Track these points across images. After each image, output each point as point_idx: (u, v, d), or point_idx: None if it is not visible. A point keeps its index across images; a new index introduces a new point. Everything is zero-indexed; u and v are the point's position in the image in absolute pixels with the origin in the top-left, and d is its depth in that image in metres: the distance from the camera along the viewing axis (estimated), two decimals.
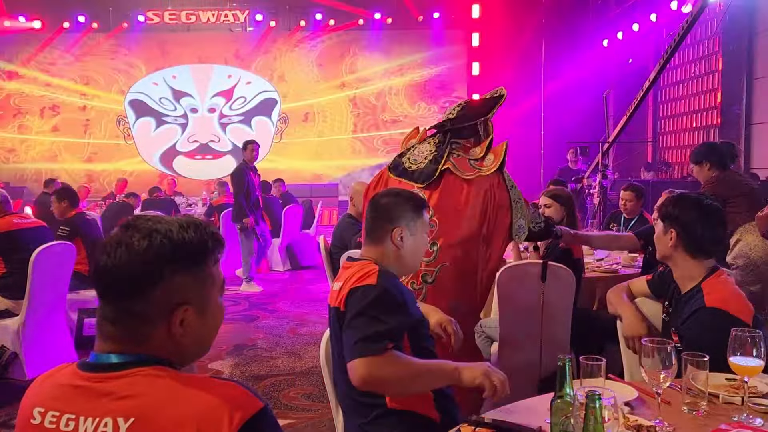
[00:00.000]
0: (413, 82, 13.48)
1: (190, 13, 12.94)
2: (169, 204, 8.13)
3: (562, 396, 1.36)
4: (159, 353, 1.07)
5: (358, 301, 1.73)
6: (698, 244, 2.08)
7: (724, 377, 1.73)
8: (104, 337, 1.08)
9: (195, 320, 1.08)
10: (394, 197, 1.97)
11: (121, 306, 1.06)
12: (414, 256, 1.98)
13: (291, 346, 4.88)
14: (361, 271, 1.80)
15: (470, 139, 2.71)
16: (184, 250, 1.07)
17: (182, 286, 1.07)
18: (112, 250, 1.06)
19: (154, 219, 1.10)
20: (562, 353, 1.60)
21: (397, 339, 1.72)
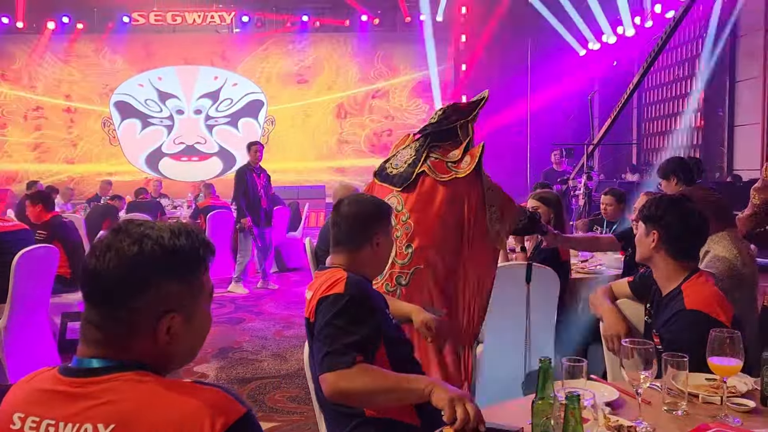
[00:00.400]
0: (400, 83, 13.51)
1: (176, 14, 12.88)
2: (154, 206, 8.08)
3: (543, 397, 1.37)
4: (143, 359, 1.05)
5: (325, 311, 1.72)
6: (680, 246, 2.09)
7: (703, 377, 1.75)
8: (87, 342, 1.07)
9: (182, 328, 1.07)
10: (366, 205, 2.00)
11: (107, 311, 1.05)
12: (387, 259, 2.03)
13: (277, 349, 4.86)
14: (329, 280, 1.80)
15: (450, 142, 2.72)
16: (174, 258, 1.06)
17: (171, 294, 1.05)
18: (101, 254, 1.04)
19: (146, 224, 1.08)
20: (547, 354, 1.62)
21: (367, 349, 1.69)
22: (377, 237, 1.94)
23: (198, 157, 13.28)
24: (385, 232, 1.98)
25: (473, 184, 2.60)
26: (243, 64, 13.37)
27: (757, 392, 1.70)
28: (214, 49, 13.27)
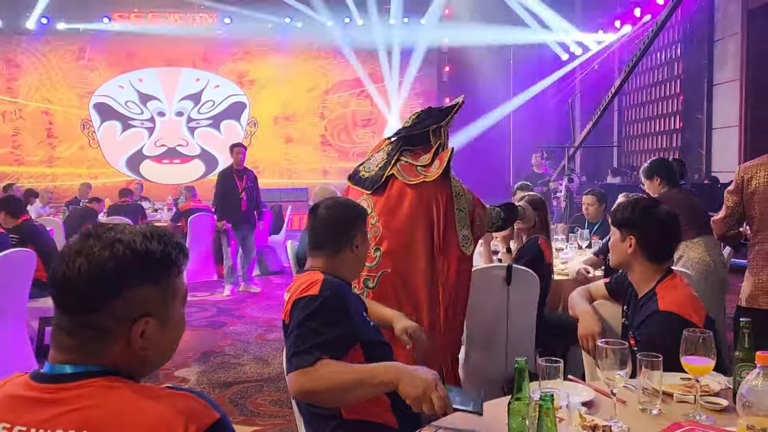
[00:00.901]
0: (384, 86, 13.52)
1: (157, 16, 12.78)
2: (135, 209, 8.00)
3: (519, 398, 1.39)
4: (116, 364, 1.04)
5: (299, 312, 1.73)
6: (656, 249, 2.12)
7: (678, 377, 1.77)
8: (59, 348, 1.05)
9: (156, 332, 1.06)
10: (345, 208, 2.01)
11: (78, 317, 1.03)
12: (364, 261, 2.05)
13: (259, 353, 4.84)
14: (306, 282, 1.80)
15: (421, 147, 2.72)
16: (147, 262, 1.05)
17: (144, 298, 1.04)
18: (70, 260, 1.03)
19: (117, 228, 1.07)
20: (527, 355, 1.64)
21: (336, 350, 1.69)
22: (356, 239, 1.95)
23: (180, 160, 13.18)
24: (363, 234, 2.00)
25: (441, 188, 2.61)
26: (225, 66, 13.30)
27: (729, 391, 1.73)
28: (196, 50, 13.18)
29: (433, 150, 2.68)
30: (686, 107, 10.63)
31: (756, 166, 2.73)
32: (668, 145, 11.31)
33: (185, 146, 13.18)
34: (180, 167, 13.10)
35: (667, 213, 2.16)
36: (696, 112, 10.35)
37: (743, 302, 2.75)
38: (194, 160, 13.17)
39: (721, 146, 9.93)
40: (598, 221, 4.91)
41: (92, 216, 7.41)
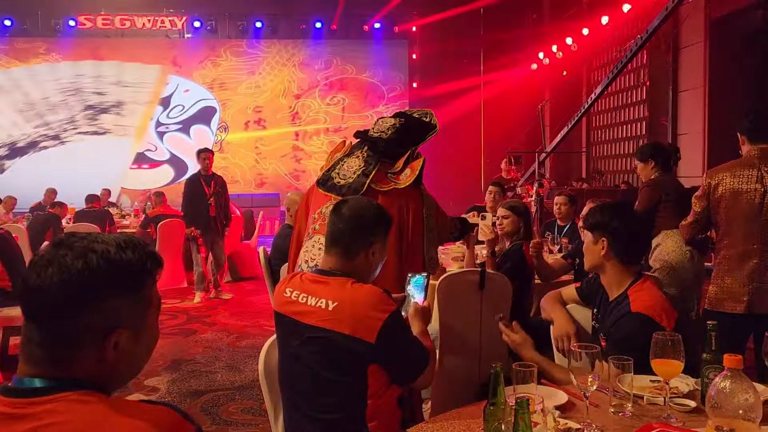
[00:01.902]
0: (355, 90, 13.54)
1: (125, 19, 12.60)
2: (102, 215, 7.84)
3: (495, 403, 1.40)
4: (88, 377, 1.02)
5: (394, 328, 1.83)
6: (628, 251, 2.16)
7: (648, 379, 1.81)
8: (28, 360, 1.02)
9: (129, 343, 1.04)
10: (373, 211, 1.98)
11: (49, 329, 1.00)
12: (377, 271, 2.01)
13: (231, 360, 4.79)
14: (376, 296, 1.83)
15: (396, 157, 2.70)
16: (121, 272, 1.02)
17: (117, 309, 1.02)
18: (41, 270, 1.00)
19: (90, 237, 1.04)
20: (501, 360, 1.68)
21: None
22: (374, 246, 1.93)
23: (148, 165, 12.99)
24: (383, 243, 1.98)
25: (411, 196, 2.60)
26: (195, 70, 13.17)
27: (697, 392, 1.77)
28: (165, 54, 13.02)
29: (404, 158, 2.66)
30: (652, 114, 10.87)
31: (722, 172, 2.77)
32: (634, 151, 11.54)
33: (154, 151, 13.00)
34: (149, 172, 12.91)
35: (636, 215, 2.21)
36: (661, 118, 10.59)
37: (709, 306, 2.81)
38: (163, 165, 12.99)
39: (686, 152, 10.15)
40: (567, 223, 5.00)
41: (55, 221, 7.25)
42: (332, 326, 1.80)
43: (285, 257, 4.04)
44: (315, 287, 1.88)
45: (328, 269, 1.93)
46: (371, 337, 1.78)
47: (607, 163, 12.56)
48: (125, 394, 3.77)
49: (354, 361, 1.81)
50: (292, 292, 1.91)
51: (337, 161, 2.74)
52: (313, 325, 1.83)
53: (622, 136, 12.01)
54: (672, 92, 10.24)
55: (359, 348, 1.78)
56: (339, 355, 1.81)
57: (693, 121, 9.85)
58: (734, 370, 1.32)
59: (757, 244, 2.65)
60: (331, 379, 1.82)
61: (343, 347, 1.79)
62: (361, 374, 1.82)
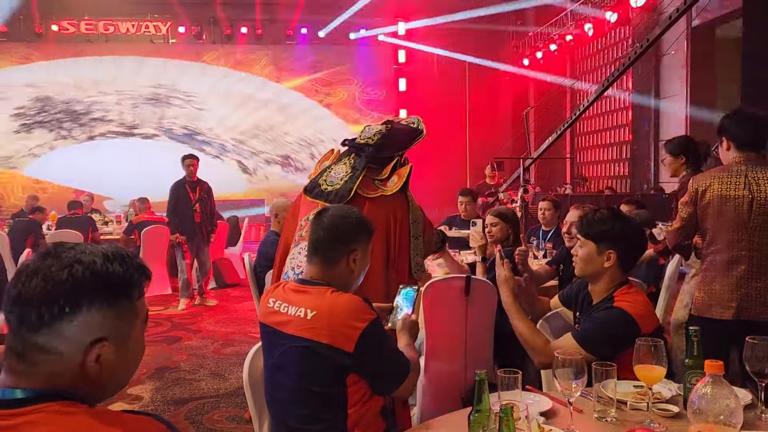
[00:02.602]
0: (340, 97, 13.55)
1: (108, 24, 12.51)
2: (85, 222, 7.76)
3: (480, 410, 1.40)
4: (70, 388, 1.00)
5: (373, 338, 1.80)
6: (633, 261, 2.20)
7: (632, 384, 1.82)
8: (10, 371, 1.01)
9: (113, 356, 1.02)
10: (353, 219, 1.96)
11: (31, 339, 0.98)
12: (359, 280, 2.00)
13: (215, 368, 4.75)
14: (355, 305, 1.81)
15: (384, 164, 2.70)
16: (106, 284, 1.01)
17: (102, 321, 1.00)
18: (27, 280, 0.98)
19: (78, 248, 1.02)
20: (486, 366, 1.70)
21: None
22: (355, 254, 1.92)
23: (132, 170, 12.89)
24: (364, 250, 1.96)
25: (398, 203, 2.60)
26: (181, 76, 13.10)
27: (680, 397, 1.79)
28: (151, 60, 12.94)
29: (391, 165, 2.67)
30: (635, 120, 11.00)
31: (709, 177, 2.76)
32: (618, 157, 11.66)
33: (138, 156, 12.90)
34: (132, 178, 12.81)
35: (640, 226, 2.24)
36: (644, 124, 10.72)
37: (696, 312, 2.80)
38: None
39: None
40: (552, 228, 5.04)
41: (36, 229, 7.15)
42: (311, 335, 1.79)
43: (271, 264, 4.02)
44: (295, 297, 1.88)
45: (309, 278, 1.93)
46: (350, 346, 1.77)
47: (591, 169, 12.67)
48: (108, 404, 3.72)
49: (333, 371, 1.79)
50: (275, 302, 1.91)
51: (324, 169, 2.74)
52: (292, 334, 1.82)
53: (605, 143, 12.13)
54: (654, 99, 10.36)
55: (338, 357, 1.77)
56: (318, 364, 1.79)
57: (674, 127, 9.97)
58: (715, 376, 1.34)
59: (745, 250, 2.65)
60: (311, 390, 1.81)
61: (322, 357, 1.78)
62: (341, 384, 1.80)
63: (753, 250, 2.65)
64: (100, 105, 12.81)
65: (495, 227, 3.92)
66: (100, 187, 12.37)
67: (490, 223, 3.94)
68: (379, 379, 1.85)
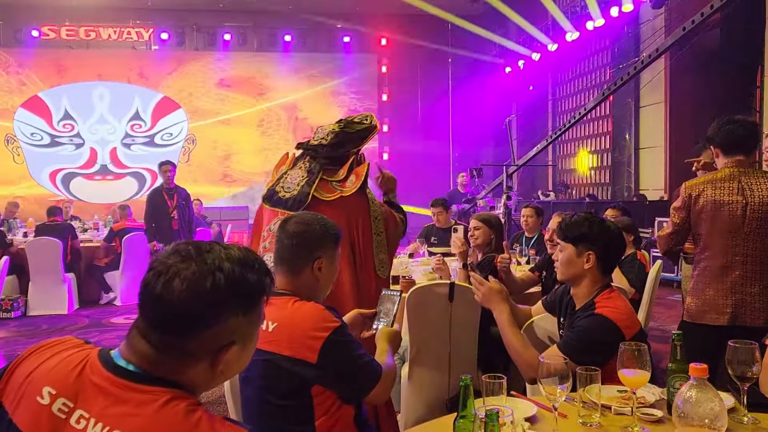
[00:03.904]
0: (324, 105, 13.53)
1: (90, 30, 12.39)
2: (65, 229, 7.63)
3: (465, 415, 1.39)
4: (189, 383, 1.03)
5: (337, 346, 1.75)
6: (613, 262, 2.21)
7: (615, 389, 1.83)
8: (139, 353, 1.02)
9: (237, 357, 1.06)
10: (314, 226, 1.91)
11: (170, 341, 1.01)
12: (328, 287, 1.96)
13: None
14: (316, 315, 1.78)
15: (339, 164, 2.68)
16: (243, 293, 1.04)
17: (235, 328, 1.04)
18: (168, 280, 1.00)
19: (215, 251, 1.04)
20: (470, 372, 1.69)
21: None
22: (319, 262, 1.87)
23: (113, 176, 12.76)
24: (330, 258, 1.91)
25: (359, 203, 2.58)
26: (162, 83, 13.00)
27: (663, 401, 1.79)
28: (131, 65, 12.83)
29: (347, 165, 2.64)
30: (615, 128, 11.12)
31: (703, 183, 2.73)
32: (599, 165, 11.78)
33: (119, 163, 12.78)
34: (112, 184, 12.67)
35: (617, 227, 2.26)
36: (624, 132, 10.84)
37: (689, 317, 2.78)
38: (126, 177, 12.77)
39: (648, 165, 10.41)
40: (534, 235, 5.07)
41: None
42: (272, 348, 1.75)
43: None
44: (273, 312, 1.83)
45: (274, 289, 1.89)
46: (312, 357, 1.72)
47: (572, 177, 12.78)
48: None
49: (296, 384, 1.75)
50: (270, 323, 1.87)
51: (281, 175, 2.70)
52: (257, 347, 1.80)
53: (587, 150, 12.24)
54: (634, 107, 10.49)
55: (301, 369, 1.73)
56: (281, 377, 1.75)
57: (654, 135, 10.10)
58: (700, 380, 1.35)
59: (739, 255, 2.64)
60: (276, 403, 1.77)
61: (285, 369, 1.74)
62: (306, 396, 1.75)
63: (747, 255, 2.63)
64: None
65: (478, 231, 3.93)
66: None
67: (474, 227, 3.96)
68: (347, 387, 1.80)
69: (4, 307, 6.73)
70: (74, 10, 12.08)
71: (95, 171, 12.68)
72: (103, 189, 12.60)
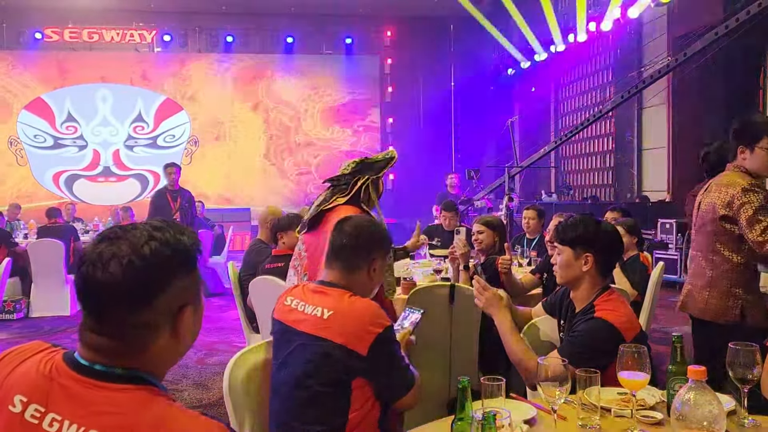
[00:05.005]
0: (327, 105, 13.54)
1: (93, 32, 12.43)
2: (66, 230, 7.65)
3: (463, 417, 1.39)
4: (155, 360, 1.05)
5: (386, 345, 1.86)
6: (611, 264, 2.20)
7: (615, 391, 1.82)
8: (98, 350, 1.03)
9: (193, 319, 1.09)
10: (375, 229, 2.05)
11: (129, 319, 1.02)
12: (375, 289, 2.09)
13: (198, 378, 4.70)
14: (372, 311, 1.86)
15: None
16: (182, 252, 1.07)
17: (184, 287, 1.06)
18: (106, 264, 1.00)
19: (139, 227, 1.07)
20: (470, 374, 1.71)
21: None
22: (374, 263, 2.00)
23: (115, 178, 12.78)
24: (383, 261, 2.04)
25: (350, 207, 2.72)
26: (165, 85, 13.02)
27: (663, 404, 1.78)
28: (134, 68, 12.87)
29: (358, 185, 2.82)
30: (618, 129, 11.10)
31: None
32: (602, 165, 11.76)
33: (122, 165, 12.81)
34: (115, 186, 12.70)
35: (615, 229, 2.25)
36: (626, 133, 10.82)
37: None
38: (130, 179, 12.79)
39: (650, 166, 10.39)
40: (536, 237, 5.07)
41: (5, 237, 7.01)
42: (325, 335, 1.83)
43: (255, 272, 4.01)
44: (314, 297, 1.93)
45: (329, 281, 1.98)
46: (363, 349, 1.80)
47: (575, 178, 12.76)
48: None
49: (342, 372, 1.82)
50: (293, 301, 1.96)
51: (310, 207, 2.99)
52: (306, 332, 1.87)
53: (589, 152, 12.22)
54: (637, 108, 10.47)
55: (349, 359, 1.80)
56: (328, 364, 1.82)
57: (657, 136, 10.08)
58: (698, 382, 1.34)
59: None
60: (316, 390, 1.83)
61: (334, 357, 1.81)
62: (347, 387, 1.82)
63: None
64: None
65: (482, 234, 3.94)
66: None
67: (477, 231, 3.96)
68: (388, 384, 1.89)
69: (7, 308, 6.74)
70: (77, 12, 12.12)
71: (98, 173, 12.71)
72: (106, 191, 12.63)
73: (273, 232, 4.14)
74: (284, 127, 13.46)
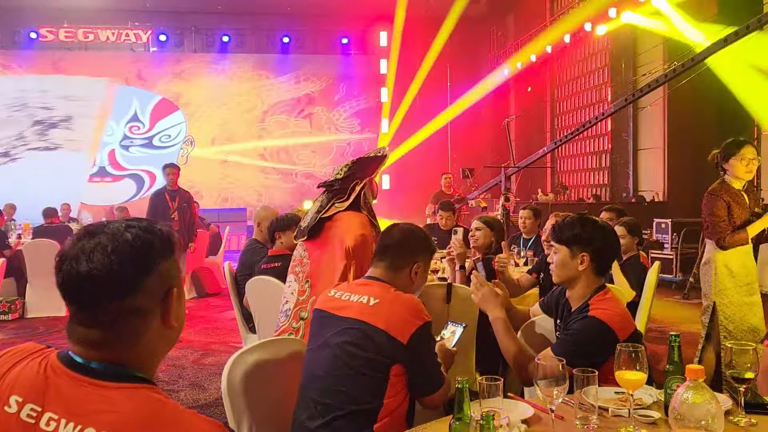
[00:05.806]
0: (322, 105, 13.53)
1: (88, 31, 12.39)
2: (63, 231, 7.61)
3: (461, 417, 1.39)
4: (148, 350, 1.05)
5: (426, 338, 1.95)
6: (607, 264, 2.20)
7: (613, 391, 1.82)
8: (91, 346, 1.03)
9: (178, 303, 1.10)
10: (420, 234, 2.19)
11: (114, 307, 1.02)
12: (413, 290, 2.16)
13: (195, 378, 4.68)
14: (416, 305, 1.96)
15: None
16: (161, 237, 1.09)
17: (168, 270, 1.08)
18: (89, 258, 1.01)
19: (113, 222, 1.08)
20: (467, 374, 1.73)
21: None
22: (417, 266, 2.12)
23: (111, 178, 12.75)
24: (425, 265, 2.17)
25: (353, 214, 2.81)
26: (160, 84, 13.00)
27: (661, 403, 1.79)
28: (129, 67, 12.83)
29: (355, 192, 2.87)
30: (614, 129, 11.12)
31: None
32: (598, 165, 11.78)
33: (117, 165, 12.78)
34: (111, 186, 12.67)
35: (612, 228, 2.25)
36: (622, 133, 10.85)
37: None
38: (126, 179, 12.76)
39: (646, 166, 10.42)
40: (532, 236, 5.07)
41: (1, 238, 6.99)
42: (369, 320, 1.92)
43: (252, 273, 4.00)
44: (360, 288, 2.05)
45: (376, 276, 2.09)
46: (404, 337, 1.89)
47: (571, 177, 12.78)
48: None
49: (382, 357, 1.89)
50: (336, 292, 2.06)
51: (305, 213, 3.04)
52: (350, 317, 1.96)
53: (585, 151, 12.25)
54: (632, 108, 10.50)
55: (390, 345, 1.88)
56: (369, 347, 1.90)
57: (653, 137, 10.11)
58: (696, 382, 1.34)
59: None
60: (357, 370, 1.90)
61: (375, 341, 1.89)
62: (386, 372, 1.89)
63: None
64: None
65: (479, 232, 3.94)
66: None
67: (475, 227, 3.97)
68: (422, 377, 1.95)
69: (2, 309, 6.72)
70: (73, 11, 12.09)
71: (93, 173, 12.67)
72: (102, 191, 12.60)
73: (271, 231, 4.13)
74: (280, 127, 13.45)
